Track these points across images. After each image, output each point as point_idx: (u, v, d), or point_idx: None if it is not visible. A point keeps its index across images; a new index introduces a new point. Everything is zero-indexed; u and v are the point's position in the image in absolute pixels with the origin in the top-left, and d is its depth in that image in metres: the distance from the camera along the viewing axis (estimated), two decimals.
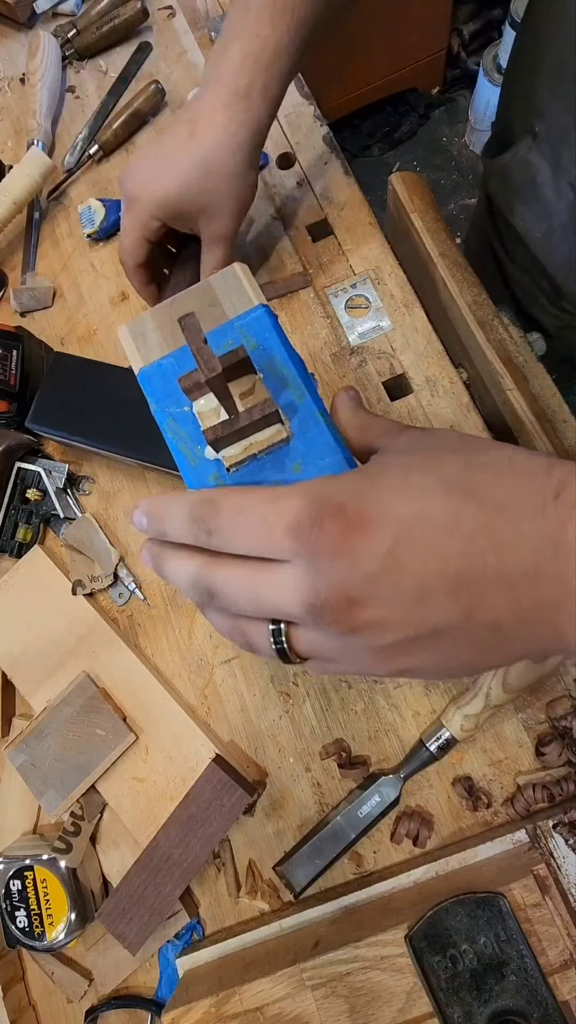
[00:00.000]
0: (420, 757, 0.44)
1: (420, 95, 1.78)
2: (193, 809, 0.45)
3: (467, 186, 1.78)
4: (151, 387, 0.34)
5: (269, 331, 0.33)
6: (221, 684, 0.51)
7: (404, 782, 0.44)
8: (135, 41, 0.74)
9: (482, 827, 0.45)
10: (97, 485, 0.59)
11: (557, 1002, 0.36)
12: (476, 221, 0.73)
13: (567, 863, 0.39)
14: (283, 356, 0.32)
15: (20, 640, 0.54)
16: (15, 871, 0.46)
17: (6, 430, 0.58)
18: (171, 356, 0.34)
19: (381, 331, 0.55)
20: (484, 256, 0.70)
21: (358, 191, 0.60)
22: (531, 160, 0.55)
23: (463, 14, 1.67)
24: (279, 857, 0.47)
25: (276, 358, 0.32)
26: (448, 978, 0.37)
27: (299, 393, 0.31)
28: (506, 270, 0.66)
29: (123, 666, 0.52)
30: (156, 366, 0.34)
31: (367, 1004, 0.38)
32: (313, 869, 0.44)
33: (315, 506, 0.23)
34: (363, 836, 0.44)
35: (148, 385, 0.34)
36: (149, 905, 0.44)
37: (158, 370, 0.34)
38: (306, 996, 0.39)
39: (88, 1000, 0.48)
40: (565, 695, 0.45)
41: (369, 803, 0.44)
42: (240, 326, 0.33)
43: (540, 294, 0.62)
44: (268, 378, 0.31)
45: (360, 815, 0.44)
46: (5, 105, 0.76)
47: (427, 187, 0.59)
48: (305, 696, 0.49)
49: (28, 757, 0.49)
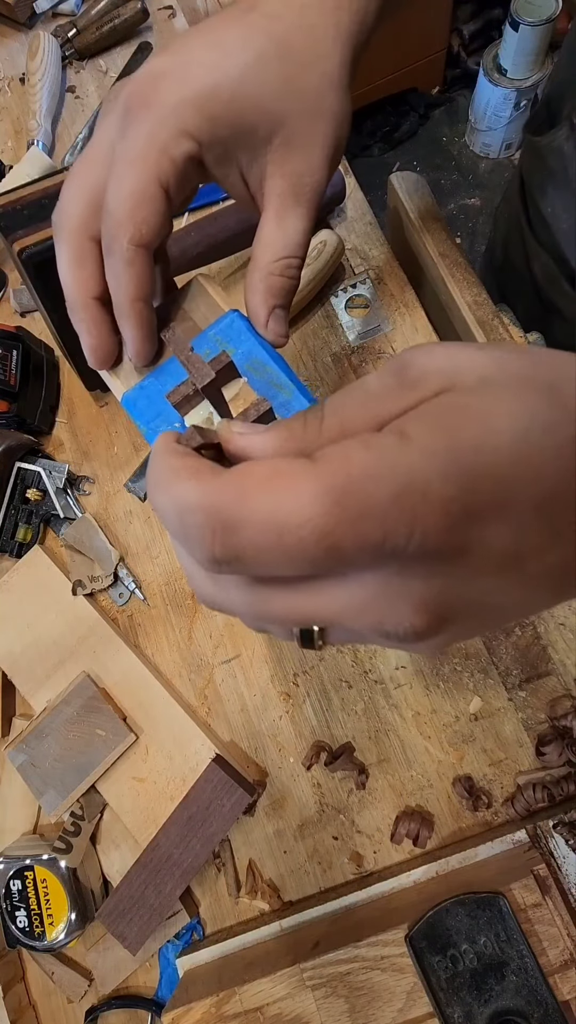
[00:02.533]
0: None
1: (420, 95, 1.78)
2: (193, 809, 0.45)
3: (467, 186, 1.78)
4: (138, 411, 0.33)
5: (245, 334, 0.32)
6: (221, 684, 0.51)
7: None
8: (135, 41, 0.74)
9: (482, 827, 0.45)
10: (97, 485, 0.59)
11: (557, 1002, 0.36)
12: (509, 191, 0.71)
13: (567, 863, 0.39)
14: (264, 357, 0.32)
15: (20, 640, 0.54)
16: (15, 871, 0.46)
17: (6, 430, 0.58)
18: (151, 377, 0.33)
19: (381, 331, 0.55)
20: (511, 230, 0.68)
21: (358, 191, 0.60)
22: (566, 150, 0.53)
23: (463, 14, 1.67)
24: (279, 857, 0.47)
25: (258, 359, 0.32)
26: (448, 978, 0.37)
27: (288, 391, 0.31)
28: (529, 248, 0.65)
29: (123, 666, 0.52)
30: (138, 389, 0.33)
31: (367, 1004, 0.38)
32: None
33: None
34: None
35: (134, 409, 0.33)
36: (149, 905, 0.44)
37: (141, 393, 0.33)
38: (306, 996, 0.39)
39: (88, 1000, 0.48)
40: (565, 695, 0.45)
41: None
42: (214, 335, 0.33)
43: (562, 278, 0.61)
44: (253, 380, 0.31)
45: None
46: (5, 105, 0.76)
47: (427, 187, 0.59)
48: (305, 696, 0.49)
49: (28, 757, 0.49)
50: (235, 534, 0.15)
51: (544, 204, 0.58)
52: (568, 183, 0.54)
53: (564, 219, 0.57)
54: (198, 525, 0.16)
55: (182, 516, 0.16)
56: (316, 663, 0.50)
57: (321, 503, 0.15)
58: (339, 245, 0.56)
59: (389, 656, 0.49)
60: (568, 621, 0.47)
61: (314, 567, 0.16)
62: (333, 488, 0.15)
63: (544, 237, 0.61)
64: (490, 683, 0.47)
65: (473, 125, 1.72)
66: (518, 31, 1.41)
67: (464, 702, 0.47)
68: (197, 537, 0.16)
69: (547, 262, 0.62)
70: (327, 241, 0.56)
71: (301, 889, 0.47)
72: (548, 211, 0.58)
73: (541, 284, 0.64)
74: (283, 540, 0.15)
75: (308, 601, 0.17)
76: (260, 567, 0.16)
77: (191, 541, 0.16)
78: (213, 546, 0.16)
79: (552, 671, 0.46)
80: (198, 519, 0.16)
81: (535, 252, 0.63)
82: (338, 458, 0.15)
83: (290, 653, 0.51)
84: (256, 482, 0.15)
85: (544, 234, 0.61)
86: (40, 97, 0.71)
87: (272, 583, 0.18)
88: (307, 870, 0.47)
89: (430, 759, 0.46)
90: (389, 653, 0.49)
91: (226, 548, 0.16)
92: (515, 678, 0.46)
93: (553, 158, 0.55)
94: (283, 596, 0.17)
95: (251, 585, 0.18)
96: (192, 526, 0.16)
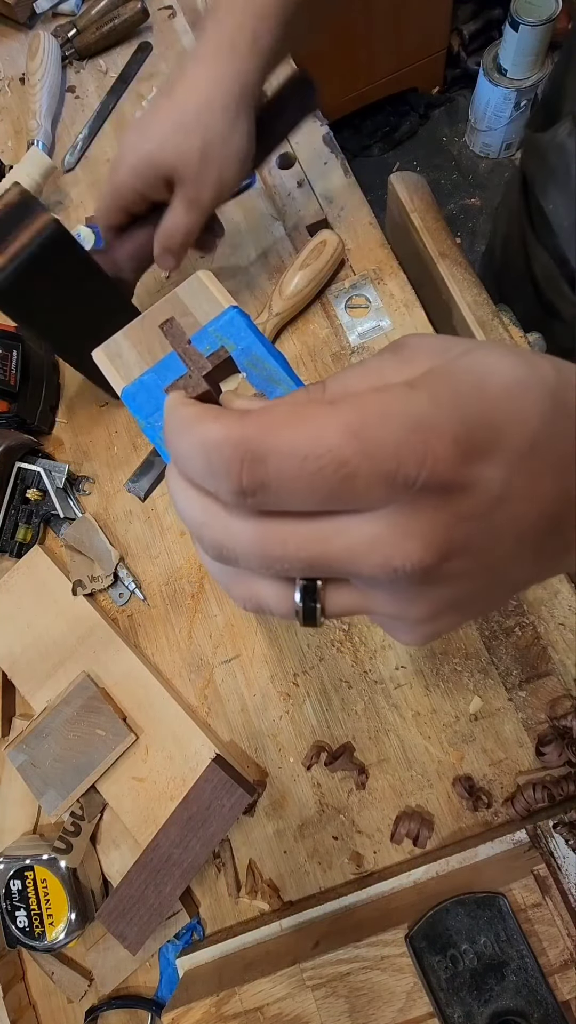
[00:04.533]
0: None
1: (420, 95, 1.78)
2: (193, 809, 0.45)
3: (467, 186, 1.78)
4: (136, 404, 0.34)
5: (244, 330, 0.33)
6: (221, 684, 0.51)
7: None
8: (135, 41, 0.74)
9: (482, 827, 0.45)
10: (97, 485, 0.59)
11: (557, 1002, 0.36)
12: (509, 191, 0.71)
13: (567, 863, 0.39)
14: (262, 352, 0.32)
15: (20, 640, 0.54)
16: (15, 871, 0.46)
17: (6, 430, 0.58)
18: (151, 372, 0.34)
19: (381, 331, 0.55)
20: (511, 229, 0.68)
21: (358, 191, 0.60)
22: (568, 147, 0.53)
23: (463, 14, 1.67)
24: (279, 857, 0.47)
25: (256, 355, 0.32)
26: (448, 978, 0.37)
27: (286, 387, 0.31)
28: (529, 249, 0.65)
29: (123, 666, 0.51)
30: (138, 383, 0.34)
31: (367, 1004, 0.38)
32: None
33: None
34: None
35: (133, 403, 0.34)
36: (149, 905, 0.44)
37: (141, 387, 0.34)
38: (306, 996, 0.39)
39: (88, 1000, 0.48)
40: (565, 695, 0.45)
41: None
42: (214, 330, 0.33)
43: (561, 280, 0.61)
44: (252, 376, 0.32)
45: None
46: (5, 105, 0.76)
47: (427, 187, 0.59)
48: (305, 696, 0.49)
49: (28, 757, 0.49)
50: (261, 463, 0.17)
51: (546, 202, 0.58)
52: (569, 179, 0.54)
53: (565, 216, 0.57)
54: (226, 458, 0.17)
55: (208, 453, 0.17)
56: (316, 663, 0.50)
57: (340, 435, 0.16)
58: (339, 245, 0.56)
59: (389, 656, 0.49)
60: (568, 621, 0.47)
61: (332, 498, 0.17)
62: (351, 423, 0.16)
63: (545, 237, 0.61)
64: (490, 683, 0.47)
65: (473, 125, 1.72)
66: (518, 31, 1.41)
67: (464, 702, 0.47)
68: (224, 469, 0.17)
69: (547, 263, 0.62)
70: (327, 241, 0.56)
71: (301, 889, 0.47)
72: (549, 208, 0.58)
73: (540, 285, 0.64)
74: (305, 468, 0.16)
75: (321, 536, 0.18)
76: (283, 496, 0.17)
77: (218, 475, 0.18)
78: (241, 475, 0.17)
79: (552, 671, 0.46)
80: (226, 452, 0.17)
81: (535, 252, 0.63)
82: (355, 400, 0.17)
83: (290, 653, 0.51)
84: (280, 417, 0.17)
85: (545, 233, 0.61)
86: (40, 97, 0.71)
87: (288, 518, 0.19)
88: (307, 870, 0.47)
89: (430, 759, 0.46)
90: (389, 653, 0.49)
91: (253, 477, 0.17)
92: (515, 678, 0.46)
93: (554, 154, 0.55)
94: (297, 531, 0.18)
95: (267, 520, 0.19)
96: (220, 460, 0.17)
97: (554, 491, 0.19)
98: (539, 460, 0.18)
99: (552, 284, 0.62)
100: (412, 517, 0.17)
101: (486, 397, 0.18)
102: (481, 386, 0.18)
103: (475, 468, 0.17)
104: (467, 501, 0.17)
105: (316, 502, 0.17)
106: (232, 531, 0.19)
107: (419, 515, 0.17)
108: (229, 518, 0.19)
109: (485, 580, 0.20)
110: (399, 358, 0.20)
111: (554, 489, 0.19)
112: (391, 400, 0.17)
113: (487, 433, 0.17)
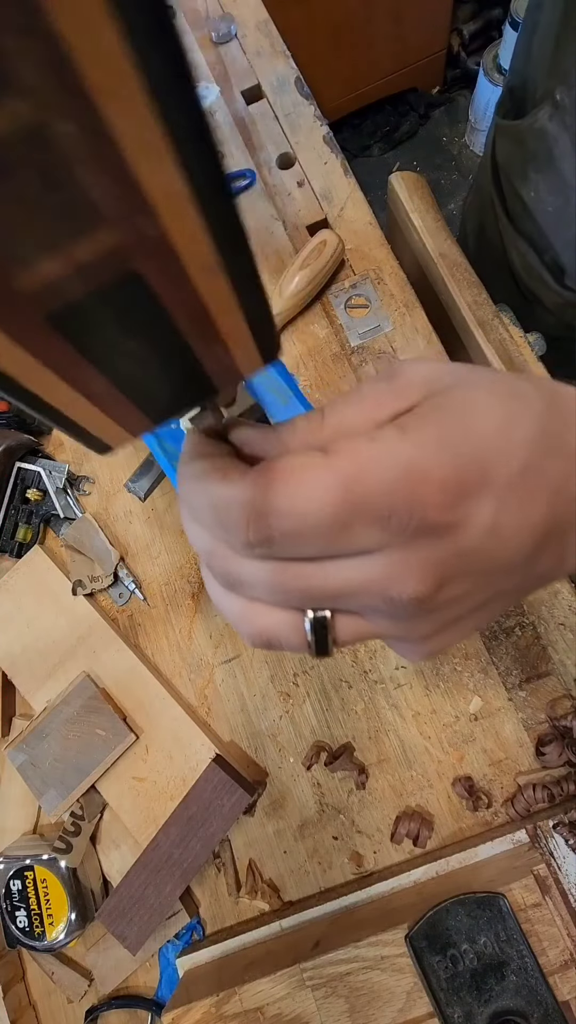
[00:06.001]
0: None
1: (420, 95, 1.78)
2: (193, 809, 0.45)
3: (467, 186, 1.78)
4: None
5: None
6: (221, 684, 0.51)
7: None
8: None
9: (482, 827, 0.45)
10: (97, 485, 0.59)
11: (557, 1002, 0.36)
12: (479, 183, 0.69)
13: (567, 863, 0.39)
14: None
15: (20, 640, 0.54)
16: (15, 871, 0.46)
17: (6, 430, 0.58)
18: None
19: (381, 331, 0.55)
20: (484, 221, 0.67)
21: (358, 191, 0.60)
22: (549, 130, 0.52)
23: (463, 14, 1.67)
24: (279, 857, 0.47)
25: None
26: (448, 978, 0.37)
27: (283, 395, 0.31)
28: (506, 238, 0.63)
29: (123, 666, 0.52)
30: None
31: (367, 1004, 0.38)
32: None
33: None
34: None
35: None
36: (149, 905, 0.44)
37: None
38: (306, 996, 0.39)
39: (88, 1000, 0.48)
40: (565, 695, 0.45)
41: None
42: None
43: (542, 268, 0.60)
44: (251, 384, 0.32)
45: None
46: None
47: (427, 187, 0.59)
48: (305, 696, 0.49)
49: (28, 757, 0.49)
50: (265, 521, 0.18)
51: (526, 189, 0.57)
52: (552, 163, 0.53)
53: (549, 202, 0.55)
54: (234, 518, 0.19)
55: (218, 511, 0.19)
56: (316, 663, 0.50)
57: (335, 492, 0.17)
58: (339, 245, 0.56)
59: (389, 656, 0.49)
60: (568, 621, 0.47)
61: (332, 546, 0.18)
62: (345, 477, 0.17)
63: (523, 225, 0.60)
64: (490, 683, 0.47)
65: (473, 125, 1.72)
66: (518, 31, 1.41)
67: (464, 702, 0.47)
68: (233, 527, 0.19)
69: (526, 251, 0.61)
70: (327, 241, 0.56)
71: (301, 889, 0.47)
72: (530, 196, 0.57)
73: (520, 275, 0.63)
74: (306, 523, 0.18)
75: (324, 574, 0.20)
76: (287, 547, 0.19)
77: (228, 530, 0.19)
78: (247, 533, 0.19)
79: (552, 671, 0.46)
80: (234, 513, 0.18)
81: (513, 242, 0.62)
82: (347, 450, 0.18)
83: (290, 653, 0.51)
84: (279, 477, 0.18)
85: (524, 222, 0.60)
86: None
87: (294, 562, 0.20)
88: (307, 870, 0.47)
89: (430, 759, 0.46)
90: (389, 653, 0.49)
91: (259, 534, 0.18)
92: (515, 678, 0.46)
93: (533, 140, 0.54)
94: (302, 571, 0.20)
95: (275, 563, 0.20)
96: (227, 518, 0.19)
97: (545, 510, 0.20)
98: (529, 485, 0.19)
99: (532, 273, 0.61)
100: (408, 554, 0.19)
101: (473, 438, 0.18)
102: (468, 426, 0.19)
103: (464, 507, 0.18)
104: (459, 536, 0.19)
105: (318, 550, 0.19)
106: (241, 565, 0.21)
107: (414, 552, 0.19)
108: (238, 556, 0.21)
109: (483, 596, 0.21)
110: (393, 390, 0.20)
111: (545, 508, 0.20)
112: (381, 451, 0.18)
113: (475, 472, 0.18)
